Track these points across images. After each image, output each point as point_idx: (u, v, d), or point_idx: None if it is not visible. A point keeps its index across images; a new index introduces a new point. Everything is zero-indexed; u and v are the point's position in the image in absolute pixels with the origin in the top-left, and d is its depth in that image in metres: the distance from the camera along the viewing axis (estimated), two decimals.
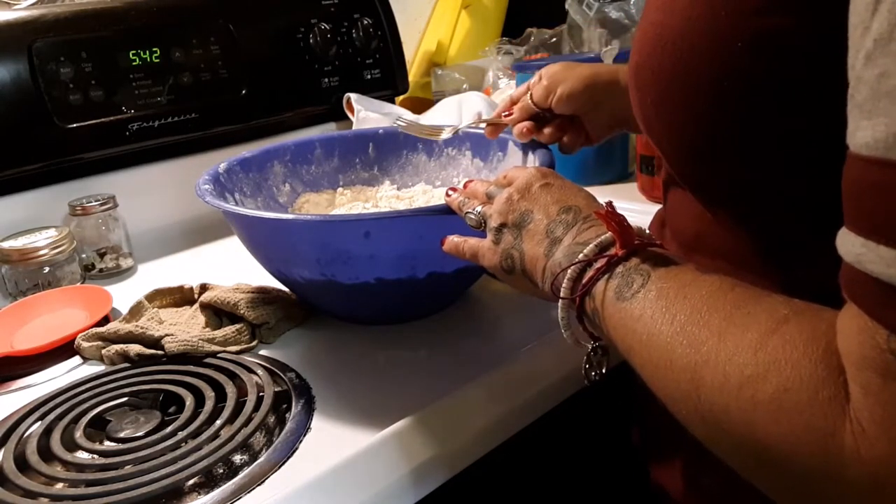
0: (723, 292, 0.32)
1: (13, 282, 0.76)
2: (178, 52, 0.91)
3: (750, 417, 0.27)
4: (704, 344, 0.30)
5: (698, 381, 0.30)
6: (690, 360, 0.30)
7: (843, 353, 0.25)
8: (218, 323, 0.64)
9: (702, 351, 0.30)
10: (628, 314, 0.35)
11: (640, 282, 0.35)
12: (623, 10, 1.17)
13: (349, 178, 0.82)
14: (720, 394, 0.29)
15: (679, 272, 0.35)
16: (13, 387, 0.59)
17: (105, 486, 0.44)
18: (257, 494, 0.44)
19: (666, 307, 0.33)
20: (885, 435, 0.23)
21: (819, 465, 0.25)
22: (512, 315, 0.66)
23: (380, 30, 1.11)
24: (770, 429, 0.26)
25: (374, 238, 0.55)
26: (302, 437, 0.49)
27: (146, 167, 0.91)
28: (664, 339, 0.32)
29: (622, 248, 0.37)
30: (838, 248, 0.25)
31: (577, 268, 0.39)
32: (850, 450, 0.24)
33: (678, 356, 0.31)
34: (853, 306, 0.25)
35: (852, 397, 0.24)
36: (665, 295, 0.33)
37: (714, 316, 0.31)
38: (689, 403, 0.31)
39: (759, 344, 0.28)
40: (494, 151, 0.76)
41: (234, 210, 0.59)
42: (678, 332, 0.32)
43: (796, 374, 0.26)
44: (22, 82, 0.80)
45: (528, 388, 0.56)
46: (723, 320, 0.30)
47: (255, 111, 0.99)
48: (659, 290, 0.34)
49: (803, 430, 0.25)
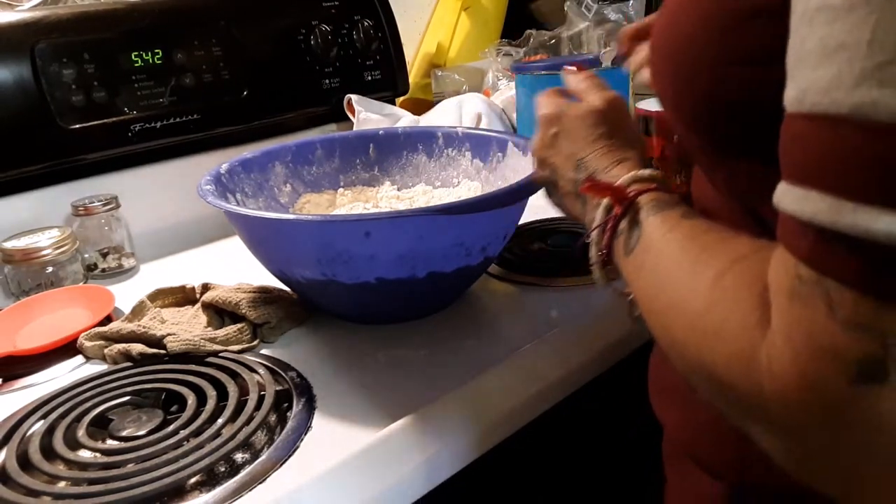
0: (695, 236, 0.35)
1: (16, 282, 0.76)
2: (179, 54, 0.91)
3: (700, 345, 0.31)
4: (677, 287, 0.34)
5: (671, 321, 0.34)
6: (666, 302, 0.34)
7: (769, 284, 0.28)
8: (220, 322, 0.64)
9: (675, 294, 0.34)
10: (632, 266, 0.39)
11: (637, 235, 0.39)
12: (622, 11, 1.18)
13: (350, 178, 0.83)
14: (684, 330, 0.32)
15: (664, 220, 0.38)
16: (16, 386, 0.59)
17: (107, 484, 0.44)
18: (258, 493, 0.44)
19: (651, 257, 0.37)
20: (789, 348, 0.26)
21: (746, 384, 0.28)
22: (512, 315, 0.67)
23: (380, 31, 1.11)
24: (714, 357, 0.30)
25: (374, 238, 0.55)
26: (303, 436, 0.49)
27: (148, 168, 0.92)
28: (651, 285, 0.36)
29: (618, 206, 0.41)
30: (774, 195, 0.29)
31: (596, 234, 0.43)
32: (765, 367, 0.27)
33: (659, 300, 0.35)
34: (780, 252, 0.29)
35: (772, 322, 0.27)
36: (649, 247, 0.38)
37: (685, 259, 0.34)
38: (665, 341, 0.35)
39: (714, 282, 0.31)
40: (494, 152, 0.77)
41: (236, 210, 0.60)
42: (659, 279, 0.36)
43: (736, 306, 0.29)
44: (25, 83, 0.80)
45: (528, 387, 0.56)
46: (692, 263, 0.34)
47: (257, 112, 0.99)
48: (646, 242, 0.38)
49: (736, 355, 0.29)
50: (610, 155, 0.45)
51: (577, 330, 0.62)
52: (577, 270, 0.72)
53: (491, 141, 0.77)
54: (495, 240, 0.62)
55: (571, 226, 0.84)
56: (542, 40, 1.30)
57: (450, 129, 0.81)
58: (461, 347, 0.60)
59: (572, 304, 0.66)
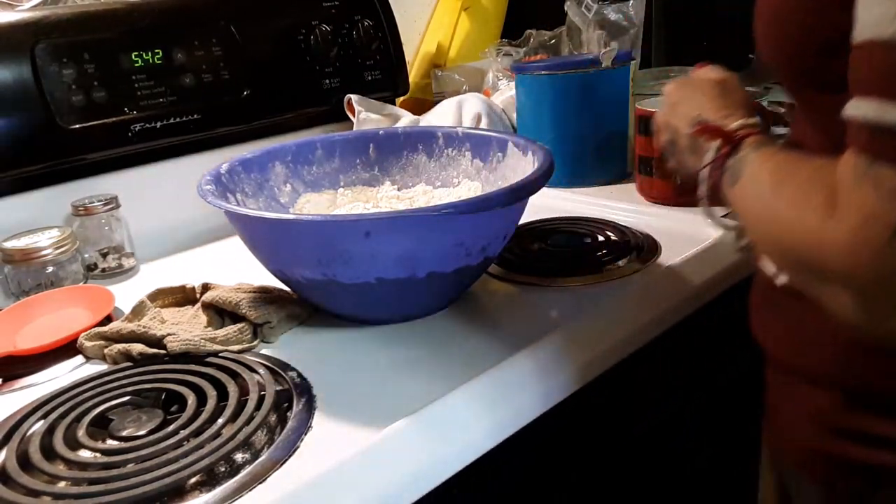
0: (786, 162, 0.44)
1: (16, 282, 0.76)
2: (180, 54, 0.91)
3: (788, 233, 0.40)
4: (771, 200, 0.42)
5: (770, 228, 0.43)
6: (767, 215, 0.43)
7: (837, 180, 0.37)
8: (220, 322, 0.64)
9: (772, 205, 0.42)
10: (738, 196, 0.47)
11: (741, 171, 0.47)
12: (622, 11, 1.18)
13: (350, 178, 0.83)
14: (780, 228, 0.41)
15: (763, 154, 0.47)
16: (16, 386, 0.59)
17: (107, 484, 0.44)
18: (259, 493, 0.44)
19: (752, 184, 0.45)
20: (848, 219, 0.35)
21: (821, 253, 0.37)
22: (512, 315, 0.67)
23: (380, 31, 1.11)
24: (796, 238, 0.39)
25: (374, 238, 0.55)
26: (303, 436, 0.49)
27: (148, 168, 0.92)
28: (753, 206, 0.45)
29: (726, 146, 0.49)
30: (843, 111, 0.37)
31: (707, 171, 0.51)
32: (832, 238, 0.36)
33: (760, 215, 0.44)
34: (848, 153, 0.37)
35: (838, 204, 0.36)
36: (752, 176, 0.46)
37: (775, 179, 0.43)
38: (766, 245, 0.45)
39: (796, 188, 0.40)
40: (494, 152, 0.77)
41: (236, 210, 0.60)
42: (760, 199, 0.44)
43: (812, 199, 0.38)
44: (25, 84, 0.80)
45: (529, 388, 0.56)
46: (779, 182, 0.43)
47: (257, 112, 0.99)
48: (751, 175, 0.46)
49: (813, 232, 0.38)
50: (722, 111, 0.54)
51: (578, 330, 0.62)
52: (577, 270, 0.72)
53: (491, 141, 0.77)
54: (495, 240, 0.62)
55: (571, 226, 0.84)
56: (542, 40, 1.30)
57: (450, 129, 0.81)
58: (461, 347, 0.60)
59: (572, 304, 0.66)
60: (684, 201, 0.87)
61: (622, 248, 0.76)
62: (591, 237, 0.80)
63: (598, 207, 0.90)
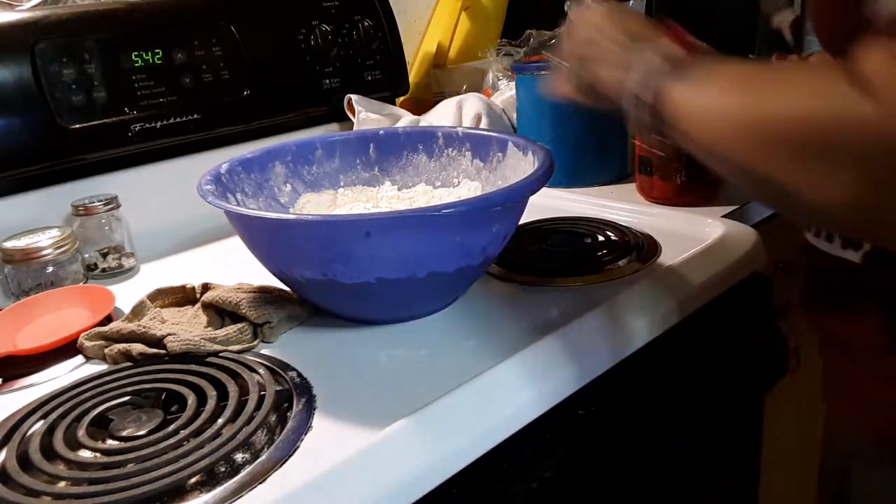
0: (783, 72, 0.45)
1: (16, 282, 0.76)
2: (180, 54, 0.91)
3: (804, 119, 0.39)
4: (785, 106, 0.41)
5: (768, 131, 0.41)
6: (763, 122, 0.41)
7: (863, 69, 0.37)
8: (220, 322, 0.64)
9: (778, 112, 0.41)
10: (693, 102, 0.46)
11: (704, 75, 0.46)
12: None
13: (350, 178, 0.83)
14: (787, 107, 0.40)
15: (733, 66, 0.46)
16: (16, 386, 0.59)
17: (107, 484, 0.44)
18: (259, 493, 0.44)
19: (732, 90, 0.44)
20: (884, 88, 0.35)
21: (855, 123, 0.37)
22: (511, 315, 0.67)
23: (380, 31, 1.11)
24: (819, 120, 0.39)
25: (374, 238, 0.55)
26: (303, 436, 0.49)
27: (148, 168, 0.92)
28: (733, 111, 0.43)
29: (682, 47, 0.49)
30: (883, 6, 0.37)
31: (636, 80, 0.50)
32: (865, 110, 0.36)
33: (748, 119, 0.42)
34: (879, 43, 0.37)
35: (873, 82, 0.36)
36: (725, 83, 0.45)
37: (787, 86, 0.42)
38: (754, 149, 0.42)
39: (809, 78, 0.41)
40: (494, 152, 0.77)
41: (236, 210, 0.60)
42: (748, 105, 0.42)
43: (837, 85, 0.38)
44: (25, 83, 0.80)
45: (529, 388, 0.56)
46: (800, 86, 0.41)
47: (257, 112, 0.99)
48: (719, 79, 0.45)
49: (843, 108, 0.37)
50: None
51: (578, 330, 0.62)
52: (577, 270, 0.72)
53: (491, 141, 0.77)
54: (495, 240, 0.62)
55: (571, 226, 0.84)
56: (542, 40, 1.30)
57: (450, 129, 0.81)
58: (461, 347, 0.60)
59: (572, 304, 0.66)
60: (684, 201, 0.87)
61: (622, 248, 0.76)
62: (591, 237, 0.80)
63: (598, 207, 0.90)
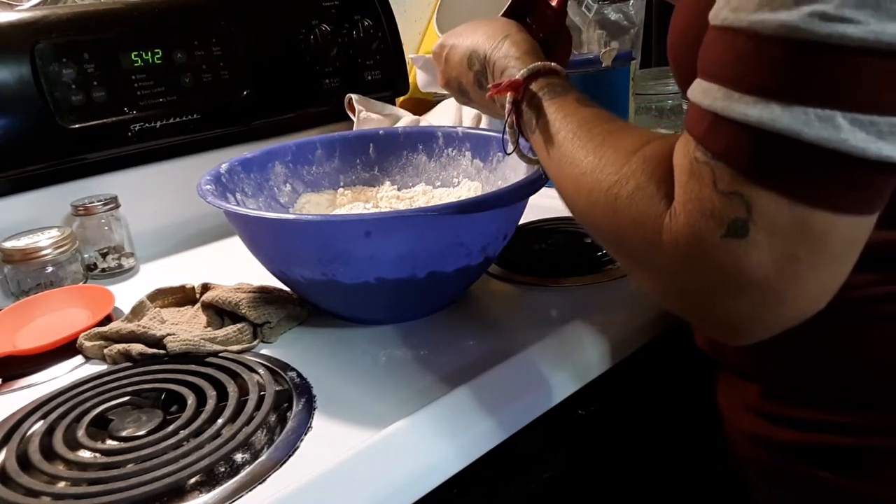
0: (598, 121, 0.44)
1: (16, 282, 0.76)
2: (179, 54, 0.91)
3: (610, 211, 0.39)
4: (583, 160, 0.42)
5: (580, 187, 0.42)
6: (575, 172, 0.43)
7: (674, 164, 0.36)
8: (219, 322, 0.64)
9: (581, 165, 0.42)
10: (538, 143, 0.48)
11: (536, 117, 0.48)
12: (622, 11, 1.18)
13: (350, 178, 0.83)
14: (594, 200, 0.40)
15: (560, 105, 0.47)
16: (15, 386, 0.59)
17: (107, 484, 0.44)
18: (258, 493, 0.44)
19: (554, 136, 0.46)
20: (685, 211, 0.35)
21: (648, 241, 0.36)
22: (512, 315, 0.67)
23: (380, 31, 1.11)
24: (624, 222, 0.38)
25: (374, 238, 0.55)
26: (303, 436, 0.49)
27: (148, 168, 0.92)
28: (556, 160, 0.45)
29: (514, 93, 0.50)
30: None
31: (509, 120, 0.52)
32: (666, 226, 0.35)
33: (567, 171, 0.44)
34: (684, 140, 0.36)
35: (675, 194, 0.36)
36: (550, 126, 0.46)
37: (592, 139, 0.43)
38: (577, 205, 0.43)
39: (624, 160, 0.39)
40: (494, 152, 0.77)
41: (236, 210, 0.60)
42: (566, 156, 0.44)
43: (646, 180, 0.37)
44: (24, 83, 0.80)
45: (529, 388, 0.56)
46: (598, 144, 0.42)
47: (257, 112, 0.99)
48: (547, 122, 0.47)
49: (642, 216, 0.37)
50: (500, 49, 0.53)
51: (578, 330, 0.62)
52: (577, 270, 0.72)
53: (491, 141, 0.77)
54: (495, 240, 0.62)
55: (571, 226, 0.84)
56: None
57: (450, 129, 0.81)
58: (461, 347, 0.60)
59: (572, 304, 0.66)
60: None
61: None
62: (591, 237, 0.80)
63: None
